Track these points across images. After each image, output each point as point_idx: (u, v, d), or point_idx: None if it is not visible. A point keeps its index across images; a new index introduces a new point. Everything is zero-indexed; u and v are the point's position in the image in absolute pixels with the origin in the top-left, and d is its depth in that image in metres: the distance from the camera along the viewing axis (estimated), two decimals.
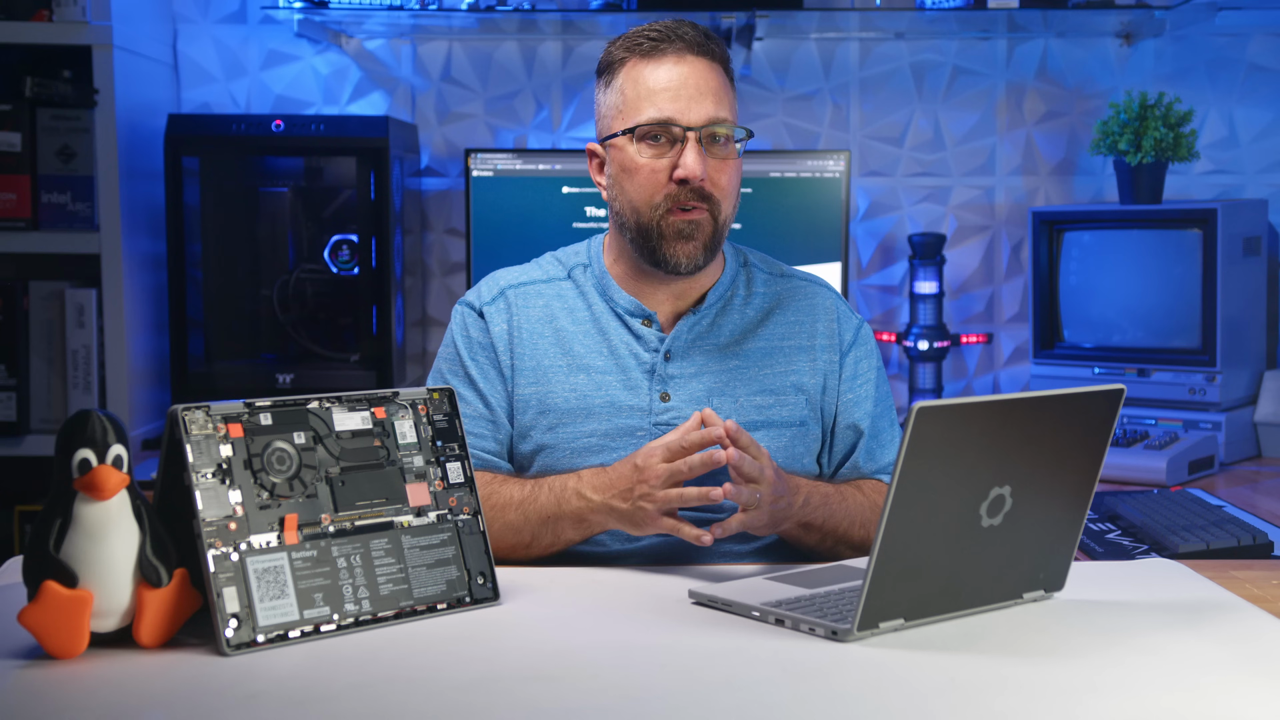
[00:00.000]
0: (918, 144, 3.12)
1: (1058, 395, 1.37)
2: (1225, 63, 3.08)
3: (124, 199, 2.68)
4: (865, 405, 1.82)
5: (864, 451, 1.81)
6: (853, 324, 1.86)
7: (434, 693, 1.20)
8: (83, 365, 2.71)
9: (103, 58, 2.63)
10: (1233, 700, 1.18)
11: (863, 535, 1.73)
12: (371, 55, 3.10)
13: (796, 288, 1.87)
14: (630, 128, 1.74)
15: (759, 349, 1.80)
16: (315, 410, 1.43)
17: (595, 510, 1.64)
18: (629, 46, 1.76)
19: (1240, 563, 1.75)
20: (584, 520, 1.66)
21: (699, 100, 1.72)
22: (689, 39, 1.74)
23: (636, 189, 1.74)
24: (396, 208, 2.86)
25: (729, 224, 1.78)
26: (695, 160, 1.71)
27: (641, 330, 1.79)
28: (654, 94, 1.73)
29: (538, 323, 1.81)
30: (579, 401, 1.76)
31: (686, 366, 1.78)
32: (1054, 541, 1.45)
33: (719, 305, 1.82)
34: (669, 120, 1.72)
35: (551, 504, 1.67)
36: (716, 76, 1.75)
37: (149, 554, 1.31)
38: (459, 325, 1.84)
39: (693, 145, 1.71)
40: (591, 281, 1.83)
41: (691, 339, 1.79)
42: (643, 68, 1.74)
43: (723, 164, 1.74)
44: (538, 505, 1.68)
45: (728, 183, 1.75)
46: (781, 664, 1.27)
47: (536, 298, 1.83)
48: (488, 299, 1.83)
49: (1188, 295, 2.76)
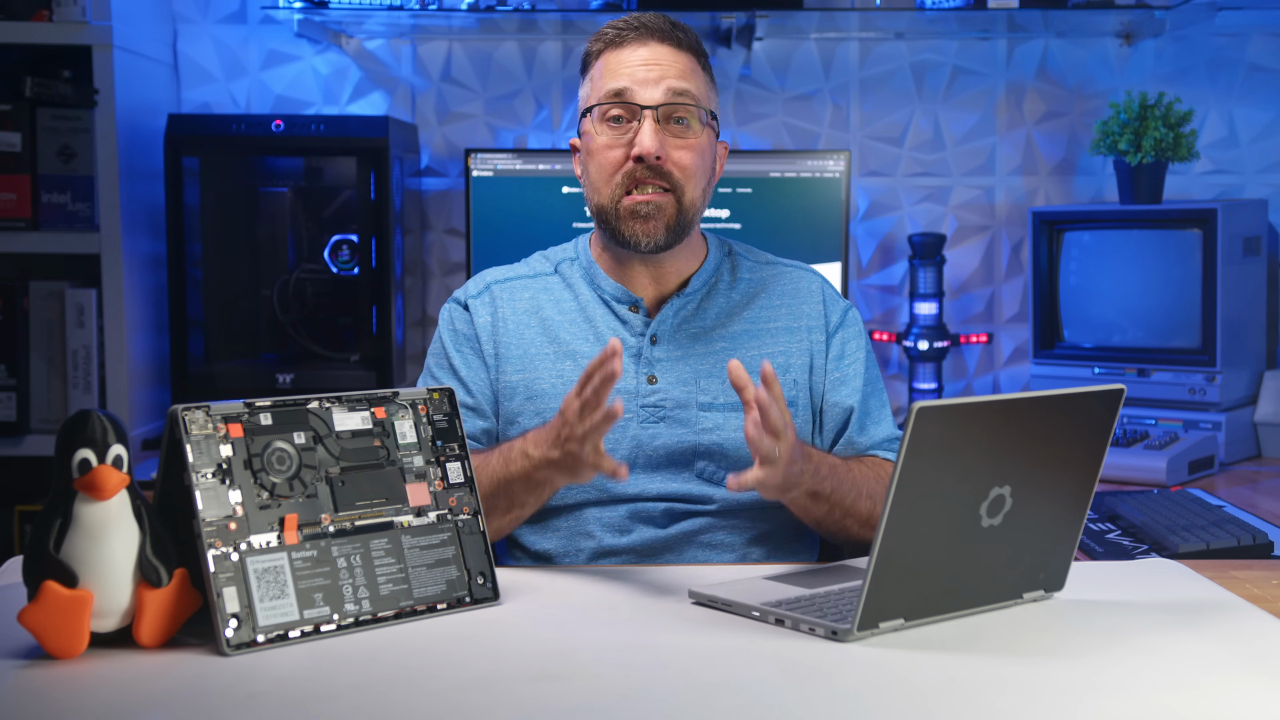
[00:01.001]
0: (918, 144, 3.12)
1: (1058, 395, 1.37)
2: (1225, 63, 3.07)
3: (124, 199, 2.68)
4: (854, 383, 1.83)
5: (856, 425, 1.82)
6: (840, 307, 1.88)
7: (434, 693, 1.20)
8: (83, 365, 2.71)
9: (103, 58, 2.63)
10: (1233, 700, 1.18)
11: (869, 507, 1.71)
12: (371, 55, 3.10)
13: (783, 273, 1.89)
14: (590, 107, 1.78)
15: (745, 331, 1.82)
16: (315, 410, 1.43)
17: (538, 466, 1.62)
18: (599, 38, 1.81)
19: (1240, 563, 1.75)
20: (530, 479, 1.64)
21: (658, 80, 1.75)
22: (653, 26, 1.78)
23: (597, 170, 1.78)
24: (396, 208, 2.86)
25: (698, 205, 1.78)
26: (650, 137, 1.73)
27: (628, 315, 1.81)
28: (616, 75, 1.77)
29: (524, 314, 1.83)
30: (566, 387, 1.75)
31: (673, 350, 1.80)
32: (1054, 541, 1.45)
33: (704, 290, 1.84)
34: (622, 94, 1.74)
35: (500, 467, 1.66)
36: (683, 60, 1.78)
37: (149, 554, 1.31)
38: (445, 321, 1.87)
39: (649, 123, 1.74)
40: (579, 273, 1.86)
41: (677, 323, 1.81)
42: (608, 55, 1.79)
43: (685, 143, 1.76)
44: (489, 470, 1.66)
45: (690, 162, 1.76)
46: (781, 664, 1.27)
47: (523, 291, 1.85)
48: (473, 293, 1.86)
49: (1188, 295, 2.76)
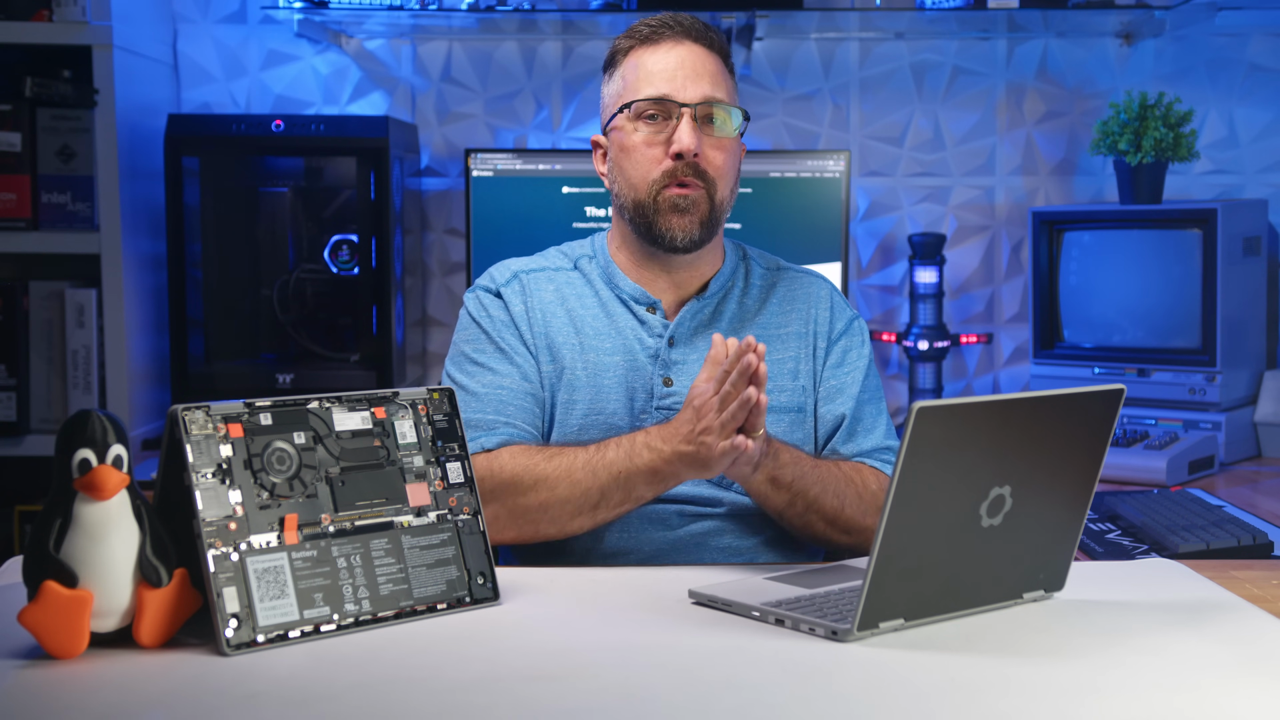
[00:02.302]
0: (918, 144, 3.12)
1: (1058, 395, 1.37)
2: (1225, 63, 3.07)
3: (124, 199, 2.68)
4: (850, 391, 1.83)
5: (844, 434, 1.81)
6: (845, 315, 1.89)
7: (434, 693, 1.20)
8: (83, 365, 2.71)
9: (103, 58, 2.63)
10: (1233, 700, 1.18)
11: (835, 505, 1.71)
12: (371, 55, 3.10)
13: (793, 278, 1.91)
14: (628, 103, 1.78)
15: (758, 336, 1.82)
16: (315, 410, 1.43)
17: (667, 460, 1.64)
18: (630, 35, 1.82)
19: (1240, 563, 1.75)
20: (657, 472, 1.65)
21: (695, 80, 1.77)
22: (687, 25, 1.80)
23: (634, 166, 1.78)
24: (396, 208, 2.86)
25: (726, 205, 1.81)
26: (690, 135, 1.75)
27: (646, 316, 1.82)
28: (652, 75, 1.78)
29: (551, 304, 1.83)
30: (589, 380, 1.78)
31: (689, 352, 1.81)
32: (1054, 541, 1.45)
33: (720, 294, 1.85)
34: (664, 96, 1.76)
35: (623, 459, 1.67)
36: (714, 62, 1.80)
37: (149, 554, 1.31)
38: (476, 307, 1.84)
39: (687, 121, 1.75)
40: (597, 271, 1.87)
41: (694, 325, 1.83)
42: (643, 53, 1.80)
43: (719, 143, 1.78)
44: (606, 462, 1.67)
45: (724, 162, 1.78)
46: (781, 664, 1.27)
47: (548, 282, 1.86)
48: (503, 281, 1.85)
49: (1188, 295, 2.76)
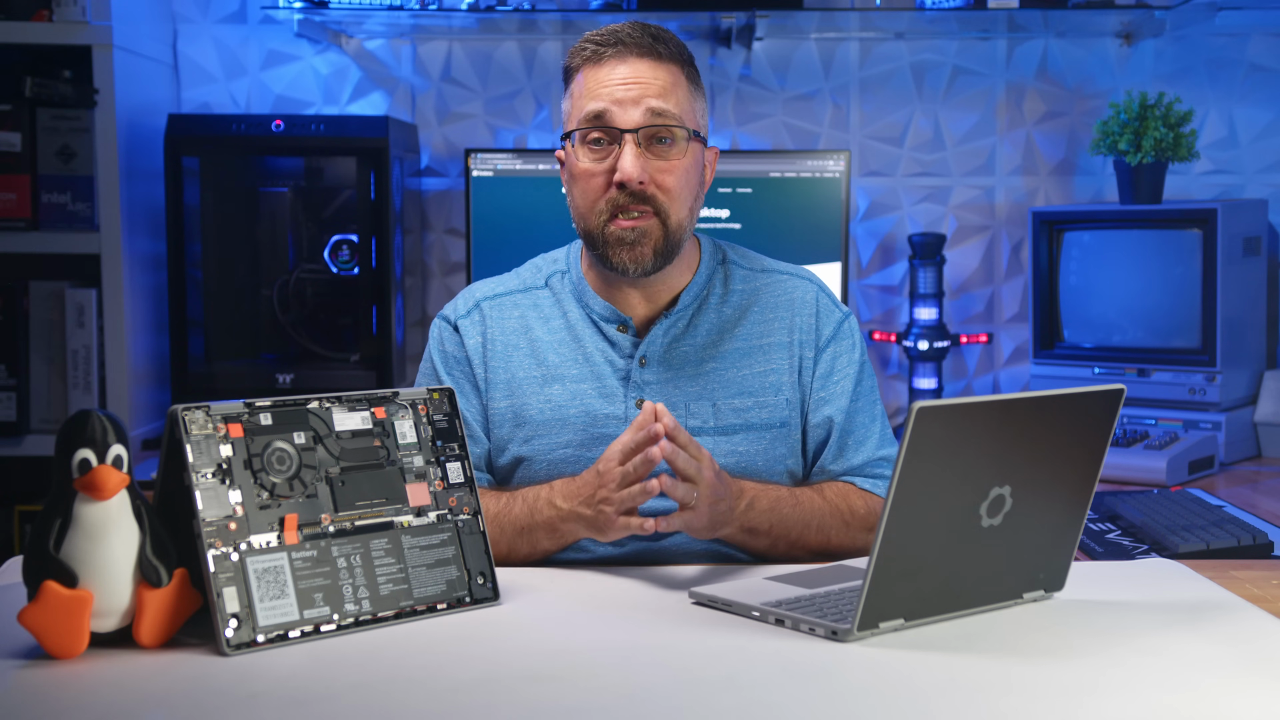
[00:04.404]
0: (918, 144, 3.12)
1: (1058, 395, 1.37)
2: (1225, 63, 3.07)
3: (124, 199, 2.68)
4: (839, 402, 1.77)
5: (833, 449, 1.77)
6: (834, 319, 1.81)
7: (434, 693, 1.20)
8: (83, 365, 2.71)
9: (103, 58, 2.63)
10: (1233, 700, 1.18)
11: (819, 540, 1.69)
12: (371, 55, 3.10)
13: (777, 282, 1.83)
14: (570, 131, 1.73)
15: (736, 349, 1.77)
16: (315, 410, 1.43)
17: (565, 519, 1.63)
18: (576, 53, 1.74)
19: (1240, 563, 1.75)
20: (555, 529, 1.65)
21: (638, 101, 1.69)
22: (630, 40, 1.71)
23: (580, 194, 1.73)
24: (396, 208, 2.86)
25: (685, 225, 1.73)
26: (632, 162, 1.68)
27: (616, 336, 1.77)
28: (595, 95, 1.70)
29: (513, 334, 1.79)
30: (554, 413, 1.74)
31: (662, 372, 1.75)
32: (1054, 541, 1.45)
33: (694, 306, 1.79)
34: (600, 117, 1.69)
35: (525, 514, 1.67)
36: (664, 75, 1.71)
37: (149, 554, 1.31)
38: (435, 340, 1.83)
39: (630, 146, 1.68)
40: (568, 288, 1.81)
41: (666, 343, 1.76)
42: (588, 72, 1.72)
43: (667, 165, 1.70)
44: (512, 516, 1.68)
45: (675, 184, 1.71)
46: (781, 664, 1.27)
47: (512, 309, 1.81)
48: (462, 312, 1.82)
49: (1188, 295, 2.76)
